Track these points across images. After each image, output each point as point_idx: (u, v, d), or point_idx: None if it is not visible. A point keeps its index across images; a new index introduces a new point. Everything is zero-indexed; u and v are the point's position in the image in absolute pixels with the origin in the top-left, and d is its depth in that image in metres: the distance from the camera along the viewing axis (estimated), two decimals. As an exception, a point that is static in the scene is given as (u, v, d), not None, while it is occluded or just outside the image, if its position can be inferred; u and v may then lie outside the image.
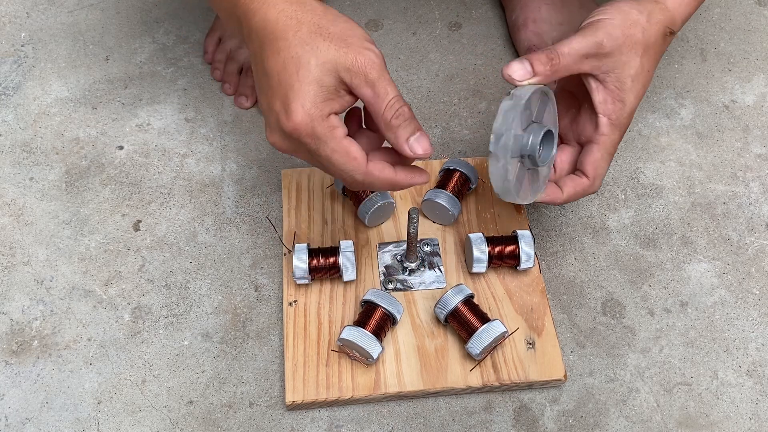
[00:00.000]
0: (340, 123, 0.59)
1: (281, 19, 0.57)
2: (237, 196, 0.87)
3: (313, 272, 0.76)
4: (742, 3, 1.04)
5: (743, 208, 0.87)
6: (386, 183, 0.61)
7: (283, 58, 0.57)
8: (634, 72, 0.65)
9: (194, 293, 0.80)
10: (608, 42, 0.64)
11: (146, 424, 0.73)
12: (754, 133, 0.92)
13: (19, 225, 0.84)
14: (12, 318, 0.78)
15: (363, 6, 1.04)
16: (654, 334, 0.78)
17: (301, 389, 0.72)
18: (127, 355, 0.76)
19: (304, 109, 0.56)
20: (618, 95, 0.65)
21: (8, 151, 0.90)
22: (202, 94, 0.95)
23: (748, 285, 0.81)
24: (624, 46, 0.64)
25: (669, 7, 0.67)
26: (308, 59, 0.56)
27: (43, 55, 0.98)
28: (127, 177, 0.88)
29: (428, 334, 0.75)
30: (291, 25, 0.57)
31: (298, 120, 0.57)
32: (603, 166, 0.68)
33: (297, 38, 0.57)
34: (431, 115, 0.94)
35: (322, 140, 0.58)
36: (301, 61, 0.56)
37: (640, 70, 0.65)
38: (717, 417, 0.74)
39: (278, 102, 0.57)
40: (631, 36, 0.64)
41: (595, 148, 0.68)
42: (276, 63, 0.57)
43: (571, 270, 0.82)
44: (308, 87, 0.56)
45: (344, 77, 0.58)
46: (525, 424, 0.73)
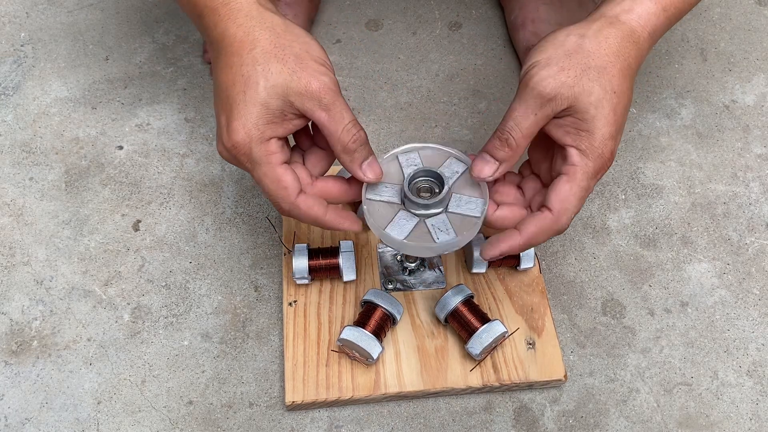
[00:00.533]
0: (279, 149, 0.59)
1: (238, 35, 0.57)
2: (237, 196, 0.87)
3: (313, 272, 0.76)
4: (742, 3, 1.04)
5: (743, 208, 0.87)
6: (311, 220, 0.61)
7: (233, 75, 0.57)
8: (594, 99, 0.58)
9: (194, 293, 0.80)
10: (549, 88, 0.58)
11: (146, 425, 0.73)
12: (754, 133, 0.92)
13: (18, 225, 0.84)
14: (12, 318, 0.78)
15: (363, 6, 1.04)
16: (654, 334, 0.78)
17: (301, 389, 0.72)
18: (127, 355, 0.76)
19: (245, 129, 0.57)
20: (581, 126, 0.59)
21: (8, 151, 0.90)
22: (202, 94, 0.95)
23: (748, 285, 0.81)
24: (568, 81, 0.58)
25: (624, 20, 0.61)
26: (257, 80, 0.56)
27: (43, 55, 0.98)
28: (126, 177, 0.88)
29: (428, 334, 0.75)
30: (246, 42, 0.57)
31: (238, 139, 0.57)
32: (571, 200, 0.60)
33: (250, 57, 0.56)
34: (431, 115, 0.94)
35: (256, 163, 0.58)
36: (249, 81, 0.56)
37: (602, 95, 0.58)
38: (717, 417, 0.74)
39: (224, 116, 0.58)
40: (575, 66, 0.59)
41: (563, 179, 0.60)
42: (227, 78, 0.57)
43: (571, 270, 0.82)
44: (252, 108, 0.56)
45: (295, 101, 0.57)
46: (525, 425, 0.73)
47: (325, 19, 1.02)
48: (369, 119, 0.93)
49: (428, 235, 0.64)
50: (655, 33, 0.62)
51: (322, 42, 1.00)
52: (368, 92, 0.96)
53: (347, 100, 0.94)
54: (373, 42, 1.00)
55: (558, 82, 0.58)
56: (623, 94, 0.59)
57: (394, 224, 0.64)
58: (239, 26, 0.57)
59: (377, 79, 0.97)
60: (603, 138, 0.59)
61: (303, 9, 0.97)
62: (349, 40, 1.00)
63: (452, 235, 0.64)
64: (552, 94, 0.58)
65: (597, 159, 0.59)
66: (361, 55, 0.99)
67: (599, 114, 0.58)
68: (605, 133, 0.59)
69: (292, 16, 0.95)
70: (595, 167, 0.59)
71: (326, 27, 1.01)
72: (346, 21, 1.02)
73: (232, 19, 0.58)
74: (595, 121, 0.58)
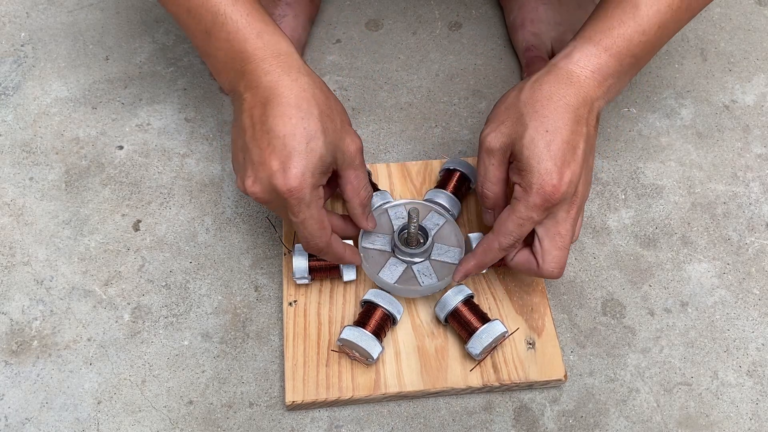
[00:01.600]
0: (323, 195, 0.67)
1: (295, 89, 0.63)
2: (237, 196, 0.87)
3: (313, 272, 0.76)
4: (742, 3, 1.04)
5: (743, 208, 0.87)
6: (336, 257, 0.71)
7: (294, 126, 0.62)
8: (526, 141, 0.65)
9: (194, 293, 0.80)
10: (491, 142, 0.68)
11: (146, 424, 0.73)
12: (754, 133, 0.92)
13: (19, 225, 0.84)
14: (12, 318, 0.78)
15: (363, 6, 1.04)
16: (654, 334, 0.78)
17: (301, 389, 0.72)
18: (127, 355, 0.76)
19: (304, 176, 0.62)
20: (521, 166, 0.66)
21: (8, 151, 0.90)
22: (202, 94, 0.95)
23: (748, 285, 0.81)
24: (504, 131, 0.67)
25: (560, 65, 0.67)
26: (320, 136, 0.63)
27: (43, 55, 0.98)
28: (127, 177, 0.88)
29: (428, 334, 0.75)
30: (304, 98, 0.63)
31: (295, 184, 0.62)
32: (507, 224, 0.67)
33: (310, 113, 0.63)
34: (431, 115, 0.94)
35: (306, 205, 0.64)
36: (313, 135, 0.63)
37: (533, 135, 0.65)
38: (717, 417, 0.74)
39: (276, 161, 0.62)
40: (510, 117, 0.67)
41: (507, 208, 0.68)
42: (285, 128, 0.62)
43: (571, 270, 0.82)
44: (313, 158, 0.63)
45: (338, 158, 0.66)
46: (525, 424, 0.73)
47: (325, 19, 1.02)
48: (369, 119, 0.93)
49: (414, 280, 0.75)
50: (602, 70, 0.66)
51: (321, 42, 1.00)
52: (368, 92, 0.96)
53: (347, 100, 0.95)
54: (373, 42, 1.00)
55: (497, 134, 0.68)
56: (558, 130, 0.65)
57: (385, 269, 0.76)
58: (294, 80, 0.64)
59: (377, 79, 0.97)
60: (540, 174, 0.64)
61: (303, 9, 0.97)
62: (349, 40, 1.00)
63: (434, 280, 0.75)
64: (493, 146, 0.68)
65: (538, 192, 0.65)
66: (361, 55, 0.99)
67: (532, 153, 0.65)
68: (542, 169, 0.64)
69: (293, 16, 0.95)
70: (538, 199, 0.65)
71: (326, 27, 1.01)
72: (346, 21, 1.02)
73: (286, 71, 0.64)
74: (530, 160, 0.65)
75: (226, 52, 0.66)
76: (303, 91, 0.64)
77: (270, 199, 0.65)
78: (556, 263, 0.68)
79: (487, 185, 0.70)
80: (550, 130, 0.65)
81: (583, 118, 0.66)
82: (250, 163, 0.64)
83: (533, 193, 0.65)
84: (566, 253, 0.69)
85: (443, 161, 0.86)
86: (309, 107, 0.63)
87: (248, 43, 0.65)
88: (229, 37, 0.65)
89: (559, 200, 0.65)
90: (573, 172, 0.65)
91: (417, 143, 0.91)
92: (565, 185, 0.65)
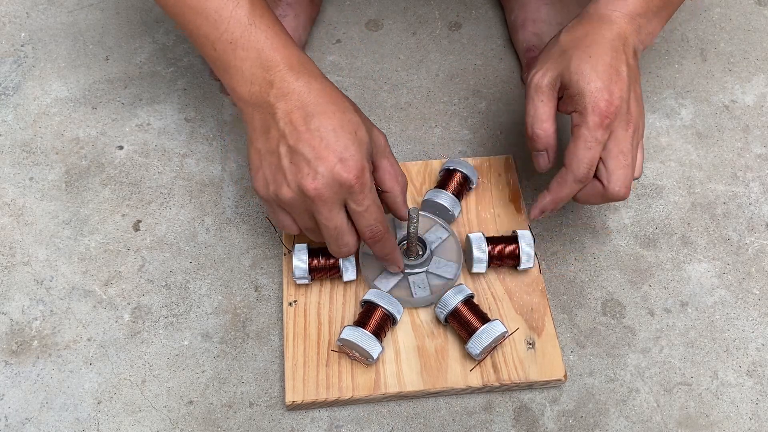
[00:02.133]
0: None
1: (325, 90, 0.66)
2: (237, 196, 0.87)
3: (313, 272, 0.76)
4: (742, 3, 1.04)
5: (743, 208, 0.87)
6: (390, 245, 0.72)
7: (339, 119, 0.65)
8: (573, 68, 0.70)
9: (194, 293, 0.80)
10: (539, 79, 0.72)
11: (146, 424, 0.73)
12: (754, 133, 0.92)
13: (19, 225, 0.84)
14: (12, 318, 0.78)
15: (363, 6, 1.04)
16: (654, 334, 0.78)
17: (301, 389, 0.72)
18: (127, 355, 0.76)
19: (363, 163, 0.65)
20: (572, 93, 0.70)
21: (8, 151, 0.90)
22: (202, 94, 0.95)
23: (748, 285, 0.81)
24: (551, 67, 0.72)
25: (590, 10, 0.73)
26: (361, 125, 0.66)
27: (43, 55, 0.98)
28: (127, 177, 0.88)
29: (428, 334, 0.75)
30: (337, 95, 0.67)
31: (358, 171, 0.64)
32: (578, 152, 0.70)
33: (347, 107, 0.67)
34: (431, 115, 0.94)
35: (369, 190, 0.66)
36: (358, 125, 0.66)
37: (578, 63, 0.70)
38: (717, 417, 0.74)
39: (333, 154, 0.64)
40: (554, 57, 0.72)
41: (571, 139, 0.71)
42: (331, 122, 0.65)
43: (571, 270, 0.82)
44: (364, 146, 0.66)
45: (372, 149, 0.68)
46: (525, 424, 0.73)
47: (325, 19, 1.02)
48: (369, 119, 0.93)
49: (408, 290, 0.76)
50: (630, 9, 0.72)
51: (322, 42, 1.00)
52: (368, 92, 0.96)
53: (347, 100, 0.95)
54: (373, 42, 1.00)
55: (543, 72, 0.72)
56: (600, 56, 0.70)
57: (381, 277, 0.76)
58: (322, 83, 0.67)
59: (377, 79, 0.97)
60: (592, 92, 0.68)
61: (304, 9, 0.97)
62: (349, 40, 1.00)
63: (427, 293, 0.76)
64: (541, 83, 0.72)
65: (593, 111, 0.68)
66: (361, 55, 0.99)
67: (581, 77, 0.69)
68: (592, 88, 0.69)
69: (293, 16, 0.95)
70: (596, 117, 0.68)
71: (326, 27, 1.01)
72: (346, 21, 1.02)
73: (313, 77, 0.66)
74: (579, 83, 0.69)
75: (252, 62, 0.66)
76: (333, 91, 0.67)
77: (331, 194, 0.65)
78: (621, 182, 0.70)
79: (537, 124, 0.72)
80: (593, 56, 0.70)
81: (620, 49, 0.71)
82: (305, 162, 0.64)
83: (589, 112, 0.69)
84: (631, 172, 0.71)
85: (443, 161, 0.86)
86: (343, 103, 0.66)
87: (277, 52, 0.66)
88: (258, 46, 0.66)
89: (615, 115, 0.69)
90: (620, 89, 0.69)
91: (417, 143, 0.91)
92: (617, 99, 0.69)
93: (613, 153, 0.70)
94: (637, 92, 0.72)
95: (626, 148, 0.70)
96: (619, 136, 0.70)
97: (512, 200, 0.84)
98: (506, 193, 0.85)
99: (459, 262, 0.78)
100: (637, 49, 0.73)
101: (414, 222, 0.72)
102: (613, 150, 0.70)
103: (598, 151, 0.70)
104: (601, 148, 0.70)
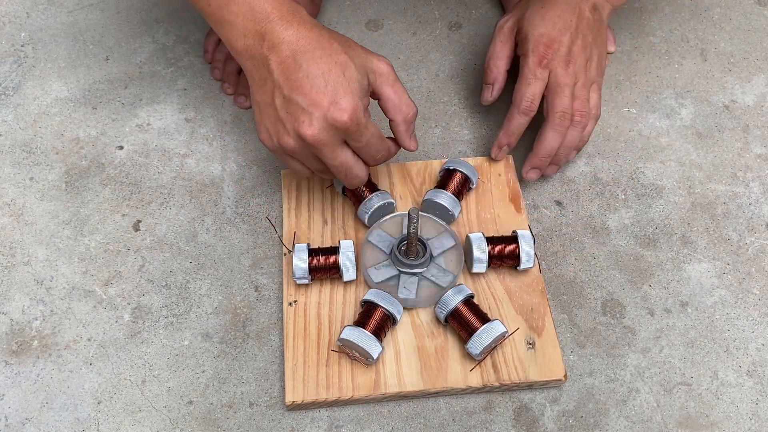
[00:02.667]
0: None
1: (313, 35, 0.67)
2: (237, 196, 0.87)
3: (313, 272, 0.76)
4: (742, 3, 1.04)
5: (743, 208, 0.87)
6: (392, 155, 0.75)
7: (326, 63, 0.66)
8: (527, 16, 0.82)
9: (194, 293, 0.80)
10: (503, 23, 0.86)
11: (146, 424, 0.73)
12: (754, 133, 0.92)
13: (19, 225, 0.84)
14: (12, 318, 0.78)
15: (363, 6, 1.04)
16: (654, 334, 0.78)
17: (301, 389, 0.72)
18: (127, 355, 0.76)
19: (354, 102, 0.66)
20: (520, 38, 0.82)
21: (8, 151, 0.90)
22: (202, 94, 0.95)
23: (748, 285, 0.81)
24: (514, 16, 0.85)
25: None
26: (350, 63, 0.67)
27: (43, 55, 0.98)
28: (127, 177, 0.88)
29: (428, 334, 0.75)
30: (324, 39, 0.68)
31: (351, 111, 0.66)
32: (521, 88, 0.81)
33: (334, 48, 0.67)
34: (431, 115, 0.94)
35: (364, 127, 0.68)
36: (345, 65, 0.67)
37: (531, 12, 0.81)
38: (717, 417, 0.74)
39: (326, 99, 0.66)
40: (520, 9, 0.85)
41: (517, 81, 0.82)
42: (320, 66, 0.66)
43: (571, 270, 0.82)
44: (355, 84, 0.67)
45: (371, 78, 0.70)
46: (525, 424, 0.73)
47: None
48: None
49: (396, 288, 0.76)
50: None
51: (322, 42, 1.00)
52: (368, 92, 0.96)
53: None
54: (373, 42, 1.00)
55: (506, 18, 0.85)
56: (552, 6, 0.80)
57: (376, 268, 0.77)
58: (311, 29, 0.68)
59: (377, 79, 0.97)
60: (534, 36, 0.80)
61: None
62: (349, 40, 1.00)
63: (412, 296, 0.75)
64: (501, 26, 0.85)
65: (534, 51, 0.80)
66: (361, 55, 0.99)
67: (530, 24, 0.81)
68: (536, 33, 0.80)
69: (293, 16, 0.95)
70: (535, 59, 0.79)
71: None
72: (346, 21, 1.02)
73: (303, 24, 0.68)
74: (527, 29, 0.81)
75: (245, 16, 0.68)
76: (321, 35, 0.68)
77: (329, 137, 0.67)
78: (560, 110, 0.80)
79: (491, 60, 0.85)
80: (545, 6, 0.81)
81: (574, 2, 0.81)
82: (300, 110, 0.66)
83: (530, 53, 0.80)
84: (569, 102, 0.80)
85: (443, 161, 0.86)
86: (331, 45, 0.67)
87: (267, 3, 0.67)
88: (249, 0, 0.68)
89: (553, 55, 0.79)
90: (561, 33, 0.79)
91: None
92: (555, 43, 0.79)
93: (551, 86, 0.80)
94: (587, 40, 0.81)
95: (563, 82, 0.79)
96: (558, 73, 0.79)
97: (512, 200, 0.84)
98: (506, 193, 0.85)
99: (457, 273, 0.77)
100: (600, 6, 0.83)
101: (414, 222, 0.72)
102: (551, 84, 0.80)
103: (539, 87, 0.80)
104: (542, 84, 0.80)
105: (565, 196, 0.87)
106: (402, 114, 0.72)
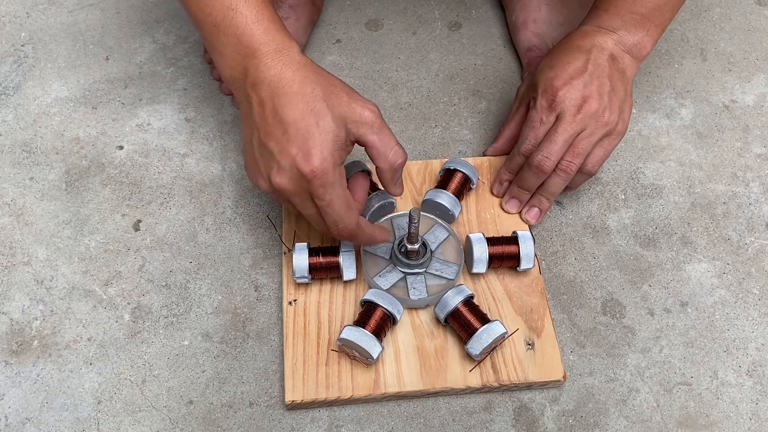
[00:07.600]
0: (345, 174, 0.67)
1: (297, 78, 0.65)
2: (237, 196, 0.87)
3: (313, 271, 0.76)
4: (742, 3, 1.04)
5: (743, 208, 0.87)
6: (366, 238, 0.71)
7: (302, 110, 0.64)
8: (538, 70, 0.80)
9: (194, 293, 0.80)
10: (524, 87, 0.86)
11: (146, 424, 0.73)
12: (754, 133, 0.92)
13: (19, 225, 0.84)
14: (12, 318, 0.78)
15: (363, 6, 1.04)
16: (654, 334, 0.78)
17: (300, 389, 0.72)
18: (127, 355, 0.76)
19: (322, 155, 0.63)
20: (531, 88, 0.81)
21: (8, 151, 0.90)
22: (202, 94, 0.95)
23: (748, 285, 0.81)
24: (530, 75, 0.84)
25: None
26: (327, 113, 0.64)
27: (43, 55, 0.98)
28: (127, 177, 0.88)
29: (428, 334, 0.75)
30: (307, 84, 0.65)
31: (317, 164, 0.63)
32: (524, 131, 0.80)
33: (314, 95, 0.64)
34: (431, 115, 0.94)
35: (331, 186, 0.65)
36: (320, 114, 0.64)
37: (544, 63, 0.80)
38: (717, 417, 0.74)
39: (295, 147, 0.63)
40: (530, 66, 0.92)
41: None
42: (293, 113, 0.64)
43: (571, 270, 0.82)
44: (327, 136, 0.64)
45: (352, 129, 0.66)
46: (525, 424, 0.73)
47: (326, 20, 1.02)
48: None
49: (406, 290, 0.76)
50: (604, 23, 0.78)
51: (322, 42, 1.00)
52: (368, 92, 0.96)
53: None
54: (373, 42, 1.00)
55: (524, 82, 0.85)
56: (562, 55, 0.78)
57: (381, 275, 0.77)
58: (295, 71, 0.65)
59: (377, 79, 0.97)
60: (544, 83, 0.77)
61: (305, 11, 0.97)
62: (349, 40, 1.00)
63: (424, 294, 0.75)
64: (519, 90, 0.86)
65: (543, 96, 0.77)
66: (361, 55, 0.99)
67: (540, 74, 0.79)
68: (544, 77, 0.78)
69: (294, 18, 0.95)
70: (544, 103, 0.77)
71: (326, 27, 1.01)
72: (346, 21, 1.02)
73: (287, 65, 0.65)
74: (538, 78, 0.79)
75: (233, 48, 0.66)
76: (304, 78, 0.65)
77: (294, 188, 0.65)
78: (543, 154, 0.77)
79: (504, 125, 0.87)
80: (555, 56, 0.79)
81: (587, 50, 0.77)
82: (272, 157, 0.65)
83: (539, 97, 0.77)
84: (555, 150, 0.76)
85: (443, 161, 0.86)
86: (313, 91, 0.65)
87: (255, 38, 0.66)
88: (237, 32, 0.66)
89: (563, 101, 0.76)
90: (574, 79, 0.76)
91: (417, 143, 0.91)
92: (567, 86, 0.75)
93: (549, 133, 0.76)
94: (604, 88, 0.76)
95: (565, 130, 0.76)
96: (566, 119, 0.75)
97: (512, 200, 0.84)
98: (506, 193, 0.85)
99: (459, 263, 0.77)
100: (618, 56, 0.77)
101: (414, 222, 0.72)
102: (550, 132, 0.76)
103: (542, 132, 0.77)
104: (546, 129, 0.77)
105: (565, 196, 0.87)
106: (387, 162, 0.69)
